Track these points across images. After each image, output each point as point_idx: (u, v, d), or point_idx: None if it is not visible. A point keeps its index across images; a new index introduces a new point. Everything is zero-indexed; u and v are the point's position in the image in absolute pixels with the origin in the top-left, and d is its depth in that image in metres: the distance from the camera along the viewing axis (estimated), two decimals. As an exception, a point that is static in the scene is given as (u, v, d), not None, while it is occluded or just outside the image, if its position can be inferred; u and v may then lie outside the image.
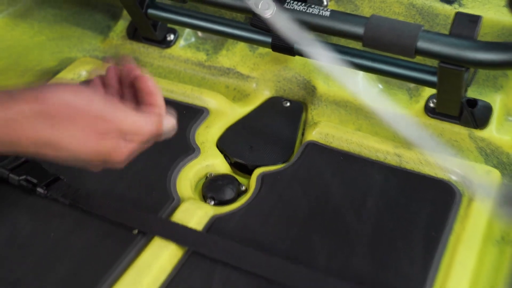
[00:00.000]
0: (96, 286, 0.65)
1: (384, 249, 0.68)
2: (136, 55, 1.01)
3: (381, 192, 0.75)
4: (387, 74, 0.79)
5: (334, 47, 0.82)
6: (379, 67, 0.79)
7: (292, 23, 0.73)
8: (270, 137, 0.86)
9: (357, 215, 0.72)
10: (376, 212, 0.72)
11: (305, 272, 0.65)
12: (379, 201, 0.74)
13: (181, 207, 0.74)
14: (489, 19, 0.80)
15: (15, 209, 0.74)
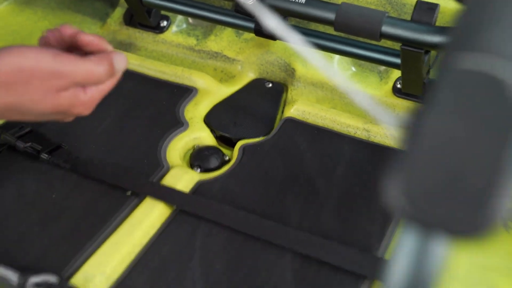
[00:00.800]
0: (92, 238, 0.73)
1: (350, 209, 0.77)
2: (132, 40, 1.09)
3: (350, 161, 0.84)
4: (357, 56, 0.88)
5: (310, 32, 0.90)
6: (350, 50, 0.87)
7: (270, 10, 0.82)
8: (252, 114, 0.94)
9: (327, 181, 0.81)
10: (344, 178, 0.81)
11: (278, 228, 0.74)
12: (348, 170, 0.82)
13: (170, 173, 0.82)
14: (448, 8, 0.88)
15: (21, 172, 0.82)
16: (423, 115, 0.30)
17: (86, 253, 0.71)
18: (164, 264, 0.71)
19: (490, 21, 0.34)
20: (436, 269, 0.32)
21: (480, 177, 0.29)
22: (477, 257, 0.72)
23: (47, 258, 0.71)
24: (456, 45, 0.34)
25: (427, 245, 0.31)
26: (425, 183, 0.29)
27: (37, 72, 0.58)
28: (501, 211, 0.28)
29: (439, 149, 0.29)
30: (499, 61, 0.32)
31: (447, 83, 0.31)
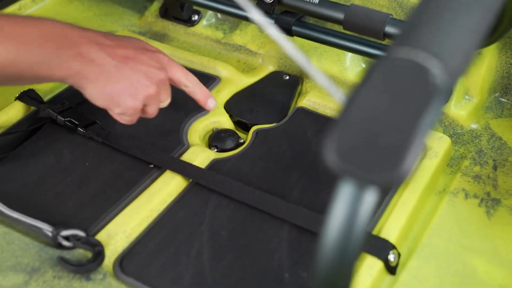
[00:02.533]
0: (117, 202, 0.84)
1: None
2: (166, 31, 1.20)
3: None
4: (364, 54, 0.96)
5: (322, 30, 0.99)
6: (357, 48, 0.95)
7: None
8: (268, 102, 1.04)
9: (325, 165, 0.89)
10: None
11: (280, 203, 0.83)
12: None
13: (190, 150, 0.92)
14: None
15: (60, 143, 0.93)
16: (356, 90, 0.39)
17: (111, 214, 0.82)
18: (177, 227, 0.81)
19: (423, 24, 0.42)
20: (366, 216, 0.40)
21: (398, 138, 0.37)
22: (456, 237, 0.79)
23: (77, 216, 0.82)
24: (396, 40, 0.42)
25: (357, 195, 0.39)
26: (353, 143, 0.38)
27: (151, 54, 0.85)
28: (412, 163, 0.37)
29: (366, 116, 0.38)
30: (426, 54, 0.40)
31: (380, 66, 0.40)
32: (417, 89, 0.39)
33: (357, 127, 0.38)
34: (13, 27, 0.75)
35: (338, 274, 0.42)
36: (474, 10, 0.43)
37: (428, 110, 0.38)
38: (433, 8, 0.43)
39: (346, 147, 0.38)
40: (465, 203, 0.84)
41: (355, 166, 0.38)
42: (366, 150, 0.37)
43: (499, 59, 0.97)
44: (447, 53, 0.40)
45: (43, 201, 0.84)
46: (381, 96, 0.38)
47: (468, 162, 0.90)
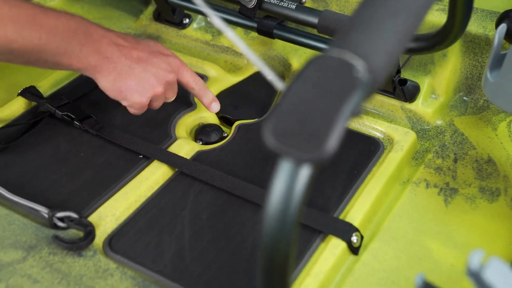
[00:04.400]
0: (108, 189, 0.92)
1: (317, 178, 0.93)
2: (159, 33, 1.28)
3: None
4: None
5: (301, 33, 1.07)
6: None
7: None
8: (251, 100, 1.12)
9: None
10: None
11: (256, 189, 0.91)
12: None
13: (176, 143, 1.01)
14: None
15: (58, 135, 1.02)
16: (292, 82, 0.47)
17: (102, 199, 0.90)
18: (161, 211, 0.89)
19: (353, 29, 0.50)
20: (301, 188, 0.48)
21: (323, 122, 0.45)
22: (415, 223, 0.87)
23: (71, 200, 0.90)
24: (332, 42, 0.50)
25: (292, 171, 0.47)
26: (287, 127, 0.46)
27: (164, 57, 0.97)
28: (335, 144, 0.45)
29: (299, 103, 0.46)
30: (352, 54, 0.48)
31: (315, 63, 0.48)
32: (342, 82, 0.47)
33: (291, 113, 0.46)
34: (47, 18, 0.86)
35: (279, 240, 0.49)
36: (398, 17, 0.51)
37: (350, 99, 0.45)
38: (364, 15, 0.51)
39: (281, 130, 0.46)
40: (426, 192, 0.92)
41: (288, 146, 0.45)
42: (297, 133, 0.45)
43: (463, 61, 1.05)
44: (370, 54, 0.48)
45: (41, 187, 0.92)
46: (312, 87, 0.47)
47: (432, 155, 0.98)
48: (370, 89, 0.48)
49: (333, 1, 1.12)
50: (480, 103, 1.05)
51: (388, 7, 0.52)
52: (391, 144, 0.98)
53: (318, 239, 0.84)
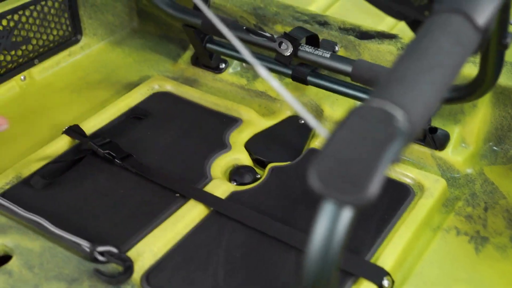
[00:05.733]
0: (146, 225, 0.96)
1: (349, 223, 0.95)
2: (196, 77, 1.34)
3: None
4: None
5: (334, 80, 1.11)
6: (364, 97, 1.07)
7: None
8: (284, 143, 1.15)
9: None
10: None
11: (288, 230, 0.93)
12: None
13: (212, 183, 1.04)
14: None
15: (99, 172, 1.06)
16: (336, 129, 0.50)
17: (141, 234, 0.94)
18: (197, 249, 0.92)
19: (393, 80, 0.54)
20: (343, 228, 0.51)
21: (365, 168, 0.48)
22: (446, 269, 0.88)
23: (111, 235, 0.94)
24: (373, 92, 0.54)
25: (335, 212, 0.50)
26: (331, 171, 0.49)
27: None
28: (377, 188, 0.48)
29: (342, 150, 0.49)
30: (392, 105, 0.52)
31: (357, 112, 0.51)
32: (383, 131, 0.50)
33: (335, 158, 0.49)
34: None
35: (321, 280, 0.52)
36: (435, 71, 0.55)
37: (390, 148, 0.49)
38: (403, 65, 0.55)
39: (325, 174, 0.49)
40: (456, 239, 0.93)
41: (332, 189, 0.49)
42: (341, 177, 0.49)
43: (493, 112, 1.07)
44: (409, 104, 0.52)
45: (83, 221, 0.96)
46: (355, 135, 0.50)
47: (462, 203, 1.00)
48: (409, 138, 0.51)
49: (365, 51, 1.17)
50: (510, 153, 1.07)
51: (426, 61, 0.56)
52: (421, 191, 1.00)
53: (349, 281, 0.86)
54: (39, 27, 1.30)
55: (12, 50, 1.26)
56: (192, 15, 1.21)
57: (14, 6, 1.24)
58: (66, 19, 1.36)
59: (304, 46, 1.08)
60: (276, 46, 1.08)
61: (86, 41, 1.42)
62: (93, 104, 1.26)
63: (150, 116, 1.20)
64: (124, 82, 1.33)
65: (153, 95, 1.26)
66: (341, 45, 1.19)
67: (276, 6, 1.31)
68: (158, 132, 1.16)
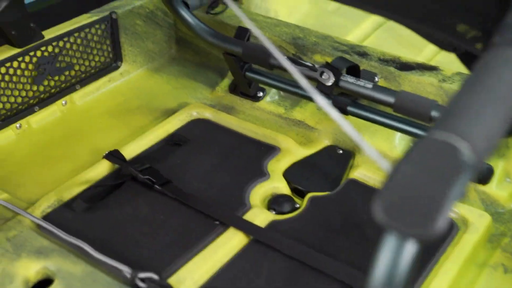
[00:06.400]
0: (186, 251, 0.95)
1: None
2: (234, 104, 1.35)
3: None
4: (412, 134, 1.06)
5: (377, 111, 1.11)
6: (406, 129, 1.06)
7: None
8: (323, 173, 1.15)
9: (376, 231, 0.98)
10: (391, 232, 0.98)
11: (330, 261, 0.92)
12: (396, 226, 0.99)
13: (251, 211, 1.04)
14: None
15: (139, 197, 1.07)
16: (400, 162, 0.50)
17: (181, 262, 0.93)
18: (237, 278, 0.91)
19: (456, 112, 0.53)
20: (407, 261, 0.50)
21: (431, 202, 0.48)
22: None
23: (152, 261, 0.93)
24: (435, 124, 0.54)
25: (399, 245, 0.49)
26: (396, 204, 0.48)
27: None
28: (444, 222, 0.47)
29: (407, 183, 0.49)
30: (457, 137, 0.51)
31: (420, 145, 0.51)
32: (448, 164, 0.49)
33: (400, 192, 0.48)
34: None
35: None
36: (499, 103, 0.54)
37: (456, 181, 0.48)
38: (466, 98, 0.54)
39: (390, 207, 0.48)
40: (504, 277, 0.91)
41: (398, 221, 0.48)
42: (406, 210, 0.48)
43: (538, 146, 1.06)
44: (474, 137, 0.51)
45: (123, 246, 0.96)
46: (420, 167, 0.49)
47: (508, 239, 0.97)
48: (474, 171, 0.50)
49: (406, 82, 1.17)
50: (556, 188, 1.04)
51: (489, 94, 0.55)
52: (465, 226, 0.98)
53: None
54: (82, 53, 1.33)
55: (56, 76, 1.29)
56: (234, 44, 1.22)
57: (60, 32, 1.27)
58: (107, 46, 1.39)
59: (346, 76, 1.08)
60: (317, 76, 1.08)
61: (126, 68, 1.44)
62: (132, 130, 1.28)
63: (188, 143, 1.21)
64: (163, 109, 1.34)
65: (191, 122, 1.27)
66: (381, 75, 1.19)
67: (315, 36, 1.32)
68: (197, 159, 1.17)
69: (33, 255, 0.92)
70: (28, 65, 1.23)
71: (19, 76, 1.22)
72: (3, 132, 1.22)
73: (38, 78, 1.25)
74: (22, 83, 1.23)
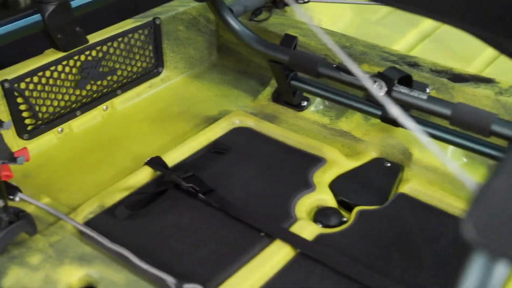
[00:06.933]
0: (232, 263, 0.92)
1: (447, 276, 0.89)
2: (276, 114, 1.32)
3: (453, 237, 0.96)
4: (467, 148, 1.02)
5: (428, 123, 1.06)
6: (461, 143, 1.02)
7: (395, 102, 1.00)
8: (370, 186, 1.11)
9: (429, 249, 0.94)
10: (446, 250, 0.94)
11: (383, 280, 0.88)
12: (450, 244, 0.95)
13: (298, 223, 1.00)
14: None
15: (182, 205, 1.04)
16: (490, 179, 0.46)
17: (226, 274, 0.90)
18: (285, 293, 0.88)
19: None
20: (499, 284, 0.46)
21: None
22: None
23: (196, 272, 0.90)
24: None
25: (490, 266, 0.46)
26: (489, 222, 0.45)
27: None
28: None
29: (500, 201, 0.45)
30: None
31: (510, 161, 0.47)
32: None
33: (492, 210, 0.45)
34: None
35: None
36: None
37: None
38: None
39: (481, 225, 0.44)
40: None
41: (490, 241, 0.44)
42: (499, 229, 0.44)
43: None
44: None
45: (167, 255, 0.94)
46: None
47: None
48: None
49: (459, 94, 1.12)
50: None
51: None
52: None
53: None
54: (125, 58, 1.32)
55: (98, 80, 1.28)
56: (280, 51, 1.20)
57: (104, 37, 1.26)
58: (150, 52, 1.37)
59: (399, 86, 1.05)
60: (369, 86, 1.04)
61: (167, 74, 1.43)
62: (173, 136, 1.26)
63: (231, 151, 1.18)
64: (203, 116, 1.32)
65: (233, 130, 1.25)
66: (432, 87, 1.15)
67: (362, 45, 1.29)
68: (240, 168, 1.14)
69: (76, 261, 0.90)
70: (72, 69, 1.22)
71: (63, 80, 1.21)
72: (45, 136, 1.21)
73: (81, 82, 1.24)
74: (66, 87, 1.22)
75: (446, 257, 0.92)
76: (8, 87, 1.12)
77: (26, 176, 1.12)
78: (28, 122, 1.18)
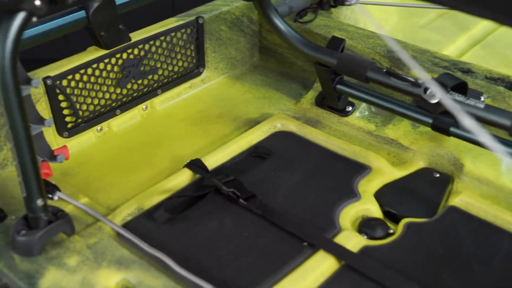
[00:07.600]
0: (271, 275, 0.88)
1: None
2: (320, 118, 1.27)
3: (508, 255, 0.90)
4: (526, 161, 0.96)
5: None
6: (521, 155, 0.96)
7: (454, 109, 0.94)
8: (418, 197, 1.05)
9: (484, 267, 0.88)
10: (501, 268, 0.88)
11: (433, 298, 0.83)
12: (505, 261, 0.89)
13: (342, 234, 0.96)
14: None
15: (222, 211, 1.01)
16: None
17: (268, 284, 0.86)
18: (329, 307, 0.83)
19: None
20: None
21: None
22: None
23: (236, 281, 0.87)
24: None
25: None
26: None
27: None
28: None
29: None
30: None
31: None
32: None
33: None
34: None
35: None
36: None
37: None
38: None
39: None
40: None
41: None
42: None
43: None
44: None
45: (206, 262, 0.90)
46: None
47: None
48: None
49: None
50: None
51: None
52: None
53: None
54: (166, 57, 1.30)
55: (140, 79, 1.26)
56: (328, 54, 1.16)
57: (147, 35, 1.24)
58: (191, 51, 1.35)
59: (453, 93, 0.99)
60: (421, 92, 1.00)
61: (208, 74, 1.40)
62: (213, 138, 1.23)
63: (272, 156, 1.15)
64: (244, 118, 1.29)
65: (275, 134, 1.21)
66: (487, 95, 1.09)
67: (412, 50, 1.24)
68: (282, 173, 1.10)
69: (114, 265, 0.88)
70: (114, 67, 1.21)
71: (104, 78, 1.20)
72: (85, 135, 1.20)
73: (122, 81, 1.22)
74: (107, 85, 1.21)
75: (501, 276, 0.87)
76: (51, 84, 1.11)
77: (65, 174, 1.11)
78: (68, 119, 1.17)
